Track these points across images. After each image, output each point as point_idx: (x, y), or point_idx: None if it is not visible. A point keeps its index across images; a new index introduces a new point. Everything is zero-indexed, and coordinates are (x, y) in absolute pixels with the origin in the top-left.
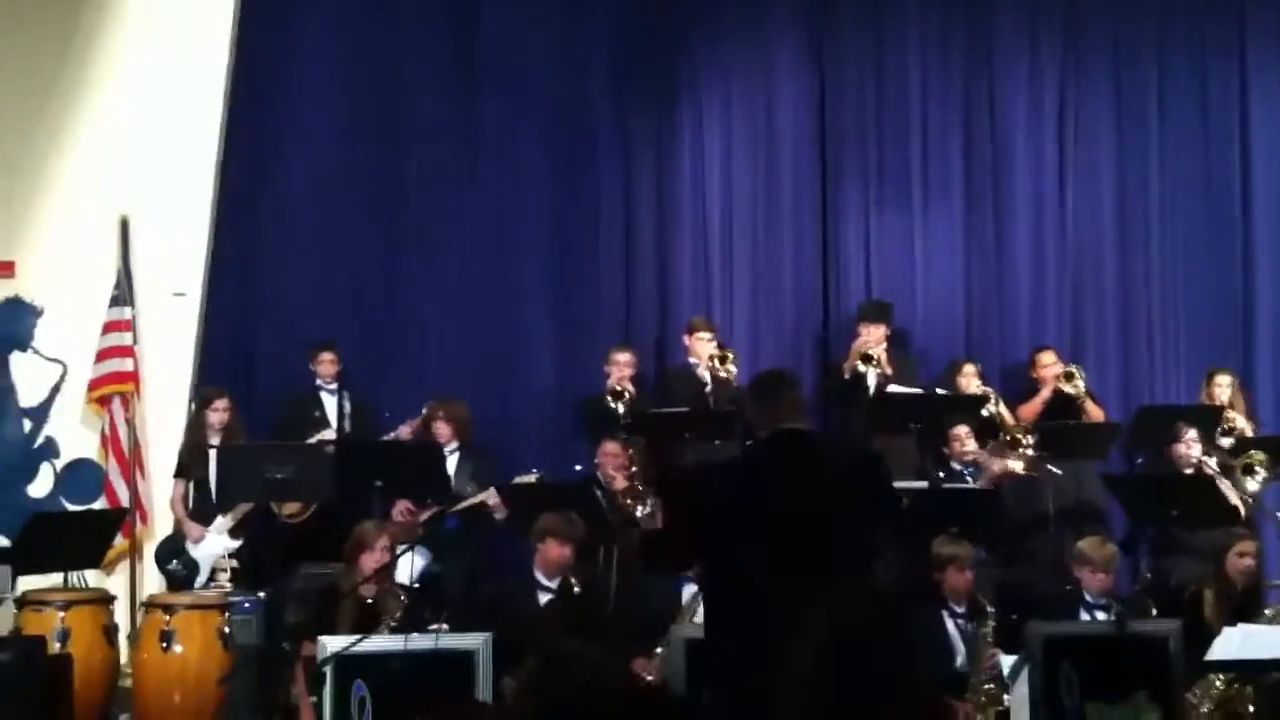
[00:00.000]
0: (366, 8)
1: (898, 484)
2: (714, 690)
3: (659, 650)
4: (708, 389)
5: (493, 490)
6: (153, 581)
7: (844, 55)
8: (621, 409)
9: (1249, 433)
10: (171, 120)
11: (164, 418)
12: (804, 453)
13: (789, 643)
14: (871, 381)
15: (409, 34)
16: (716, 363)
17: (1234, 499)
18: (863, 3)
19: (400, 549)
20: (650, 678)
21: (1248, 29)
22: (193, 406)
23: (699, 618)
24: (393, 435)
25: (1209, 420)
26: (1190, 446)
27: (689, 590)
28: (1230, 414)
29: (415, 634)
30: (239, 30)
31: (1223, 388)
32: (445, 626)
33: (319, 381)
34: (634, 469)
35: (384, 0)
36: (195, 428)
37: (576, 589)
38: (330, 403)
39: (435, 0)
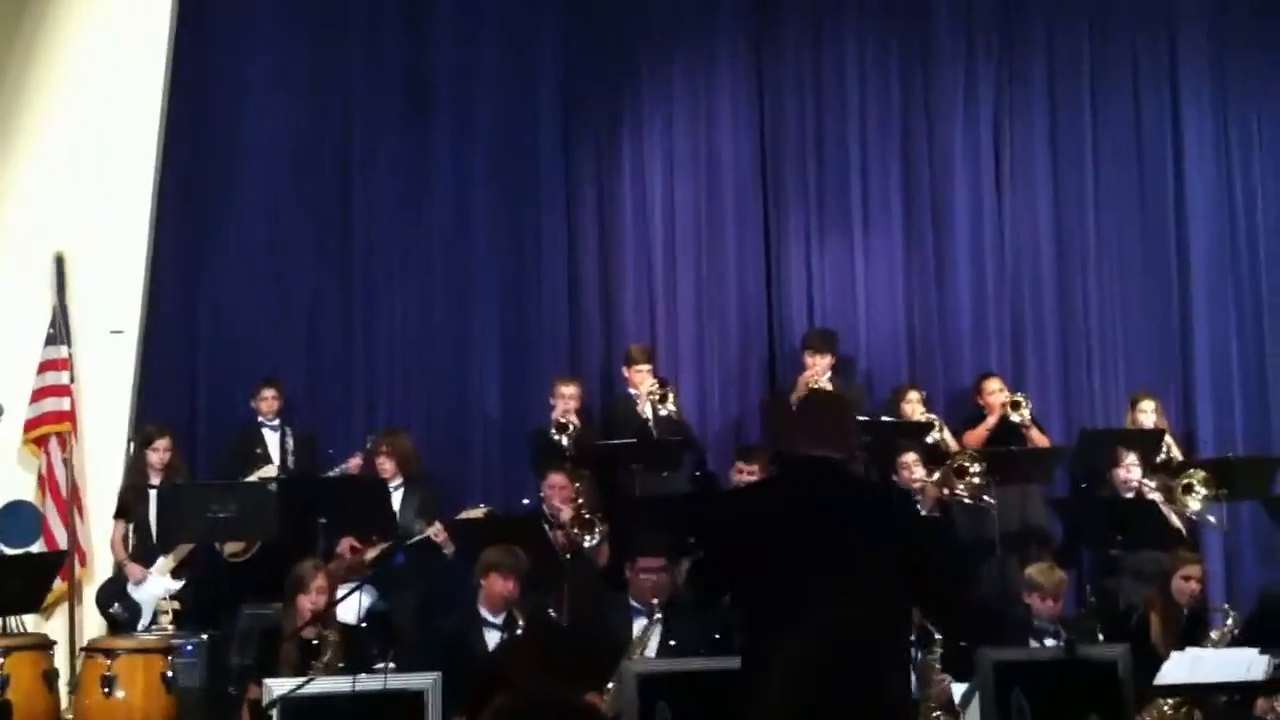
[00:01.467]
0: (310, 36)
1: None
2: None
3: (610, 685)
4: (650, 422)
5: (438, 524)
6: (93, 625)
7: (784, 84)
8: (566, 441)
9: (1179, 456)
10: (107, 156)
11: (102, 458)
12: (830, 480)
13: (812, 667)
14: None
15: (355, 63)
16: (656, 399)
17: (1176, 521)
18: (803, 31)
19: (346, 588)
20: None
21: (1179, 54)
22: (132, 446)
23: (650, 650)
24: (342, 468)
25: (1150, 444)
26: (1130, 470)
27: (639, 624)
28: (1168, 440)
29: (363, 674)
30: (174, 61)
31: (1147, 413)
32: (393, 665)
33: (261, 418)
34: (580, 500)
35: (329, 30)
36: (136, 467)
37: (521, 623)
38: (273, 439)
39: (381, 28)
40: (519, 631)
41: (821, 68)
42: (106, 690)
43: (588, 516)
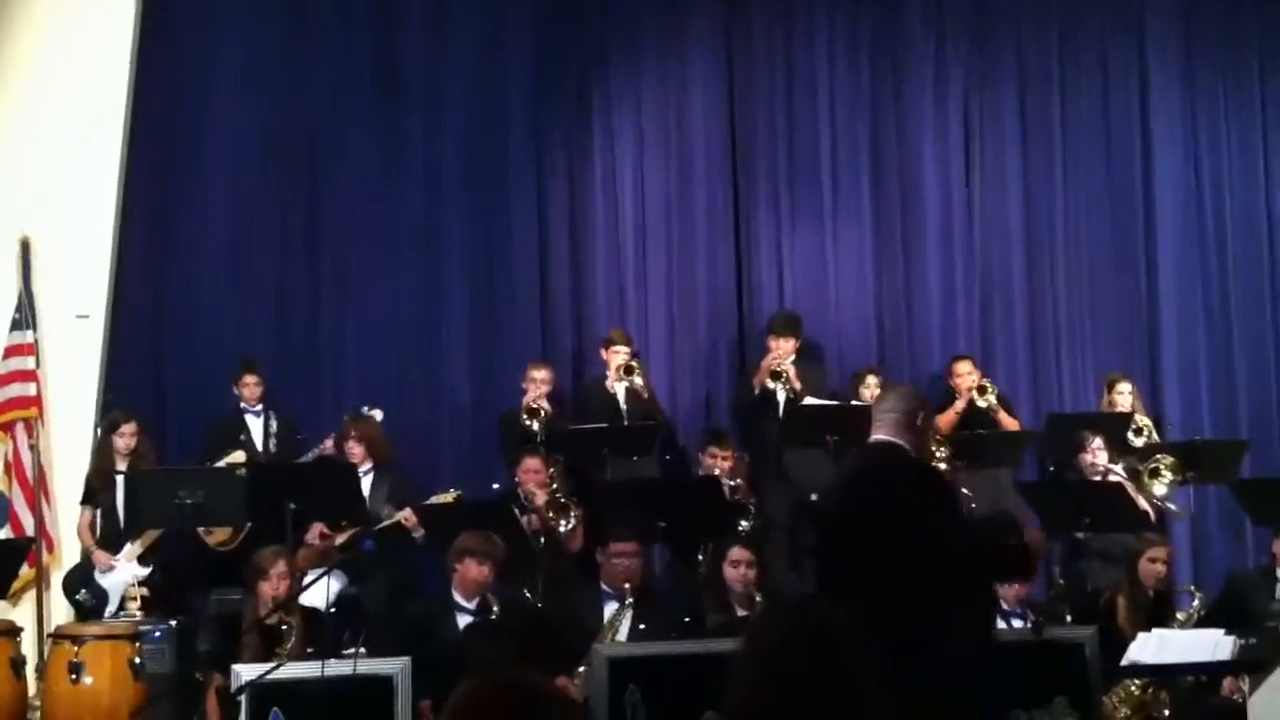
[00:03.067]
0: (279, 21)
1: (816, 497)
2: None
3: (581, 669)
4: (622, 404)
5: (408, 510)
6: (60, 612)
7: (754, 69)
8: (536, 427)
9: (1158, 437)
10: (72, 139)
11: (69, 443)
12: (884, 465)
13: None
14: (781, 397)
15: (324, 48)
16: (622, 373)
17: (1144, 504)
18: (773, 17)
19: (315, 573)
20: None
21: (1148, 42)
22: (99, 431)
23: (621, 635)
24: (316, 452)
25: (1117, 427)
26: (1096, 455)
27: (611, 608)
28: (1142, 419)
29: (332, 659)
30: (141, 47)
31: (1124, 395)
32: (363, 650)
33: (243, 404)
34: (554, 485)
35: (297, 14)
36: (102, 453)
37: (495, 609)
38: (255, 425)
39: (350, 14)
40: (490, 617)
41: (792, 53)
42: (74, 677)
43: (563, 501)
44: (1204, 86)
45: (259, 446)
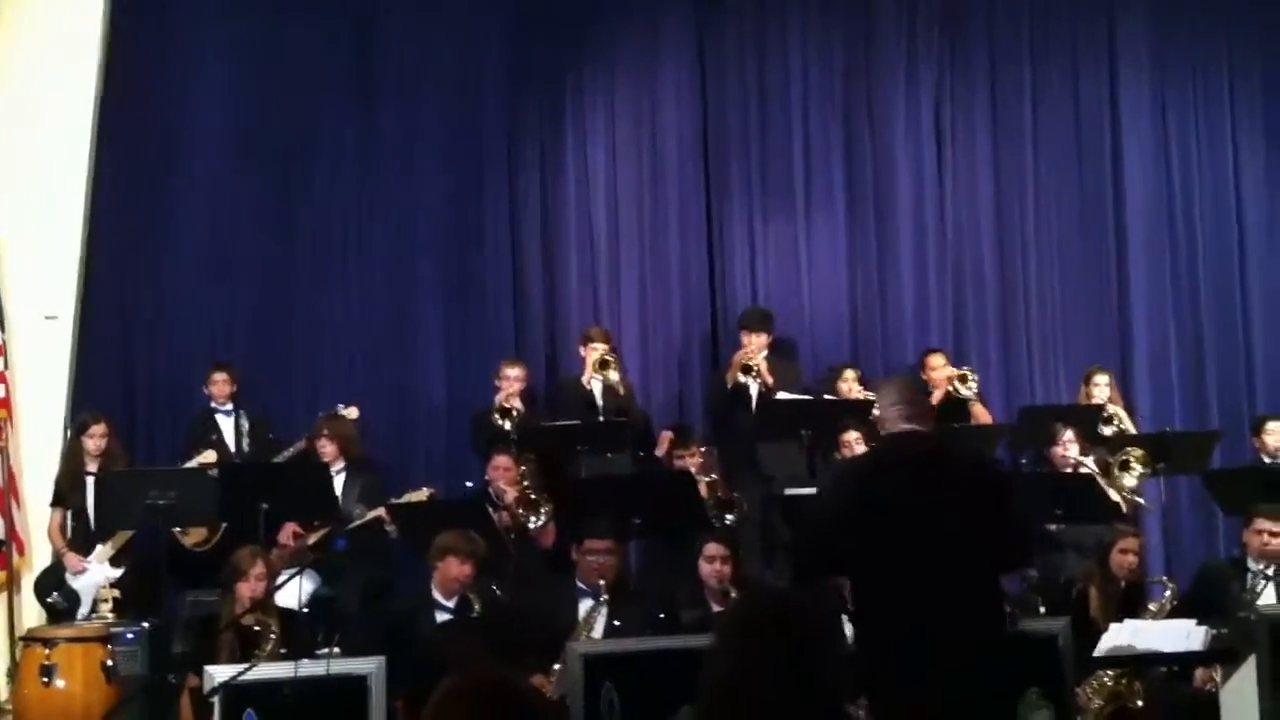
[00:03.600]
0: (253, 19)
1: (789, 491)
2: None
3: (556, 666)
4: (598, 400)
5: (381, 509)
6: (32, 614)
7: (727, 66)
8: (509, 426)
9: (1131, 427)
10: (41, 138)
11: (39, 445)
12: (928, 453)
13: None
14: (754, 391)
15: (300, 45)
16: (598, 368)
17: (1115, 496)
18: (745, 13)
19: (287, 573)
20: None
21: (1118, 40)
22: (69, 432)
23: (596, 632)
24: (291, 451)
25: (1088, 419)
26: (1067, 448)
27: (585, 605)
28: (1113, 409)
29: (305, 660)
30: (110, 42)
31: (1101, 386)
32: (338, 650)
33: (213, 403)
34: (525, 482)
35: (272, 11)
36: (72, 454)
37: (476, 607)
38: (226, 424)
39: (325, 11)
40: (470, 615)
41: (764, 50)
42: (46, 679)
43: (533, 497)
44: (1174, 82)
45: (231, 445)
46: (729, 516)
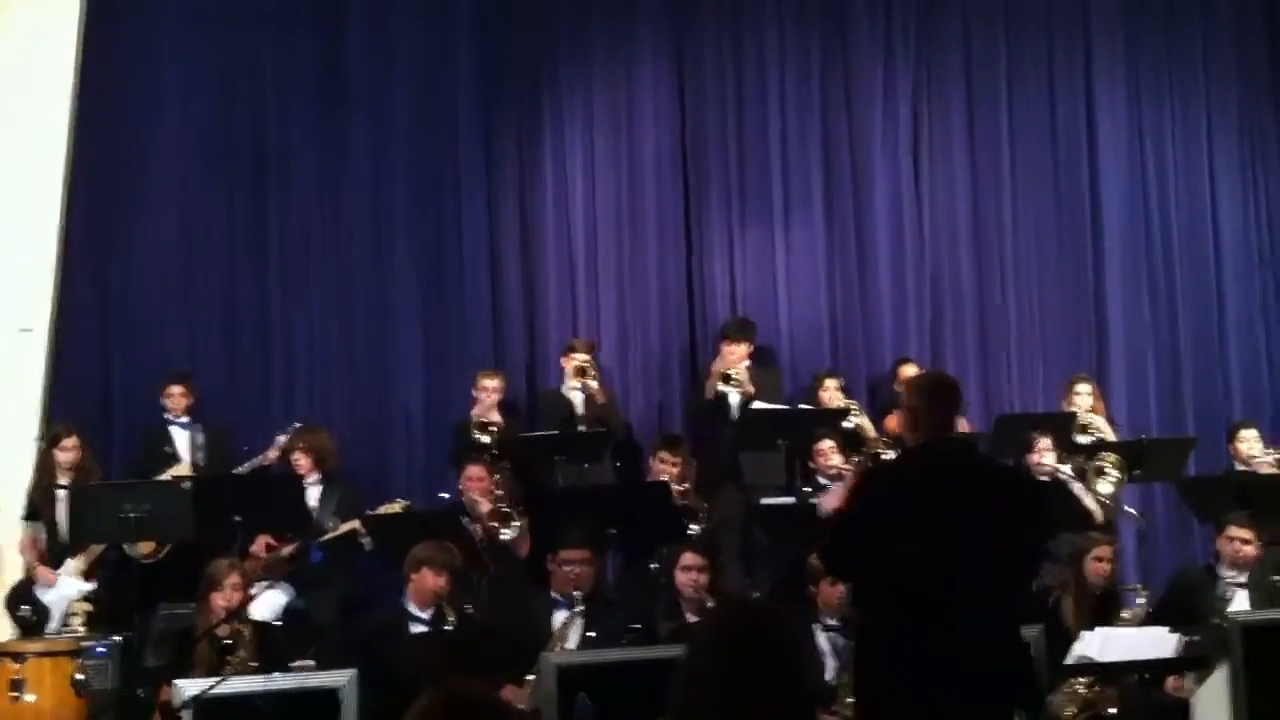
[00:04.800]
0: (222, 26)
1: (766, 500)
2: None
3: (530, 677)
4: (579, 410)
5: (356, 521)
6: (2, 628)
7: (704, 74)
8: (488, 440)
9: (1110, 436)
10: (13, 151)
11: (11, 458)
12: (962, 462)
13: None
14: (734, 400)
15: (267, 53)
16: (575, 377)
17: (1089, 503)
18: (722, 21)
19: (260, 585)
20: (522, 706)
21: (1093, 47)
22: (41, 445)
23: (571, 643)
24: (258, 460)
25: (1064, 427)
26: (1043, 455)
27: (560, 616)
28: (1090, 416)
29: (277, 673)
30: (84, 52)
31: (1083, 395)
32: (313, 663)
33: (168, 415)
34: (499, 492)
35: (241, 19)
36: (44, 467)
37: (451, 619)
38: (181, 437)
39: (299, 24)
40: (445, 627)
41: (742, 59)
42: (15, 694)
43: (505, 509)
44: (1149, 90)
45: (185, 459)
46: (692, 526)
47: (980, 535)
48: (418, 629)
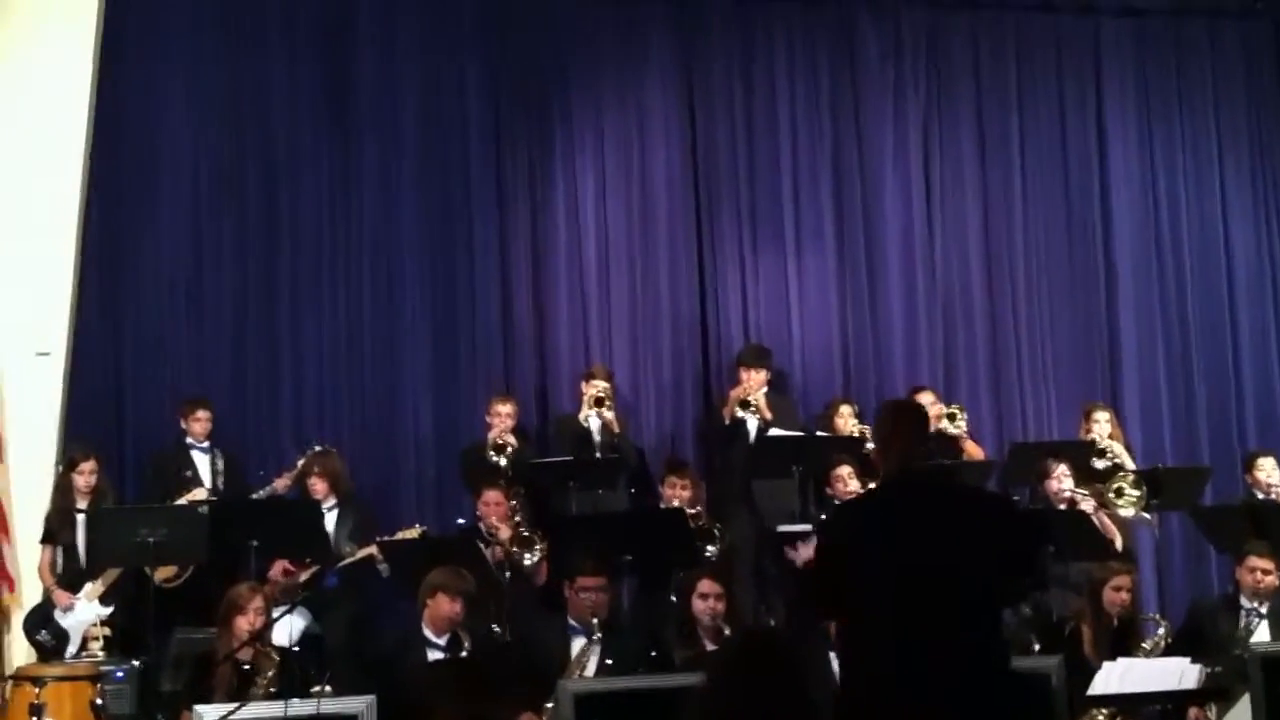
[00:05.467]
0: (230, 50)
1: (782, 528)
2: None
3: (548, 705)
4: (595, 437)
5: (373, 546)
6: (21, 653)
7: (715, 102)
8: (504, 462)
9: (1129, 463)
10: (31, 173)
11: (30, 482)
12: (939, 493)
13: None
14: (752, 427)
15: (282, 79)
16: (593, 408)
17: (1111, 527)
18: (732, 47)
19: (278, 611)
20: None
21: (1104, 69)
22: (59, 469)
23: (589, 671)
24: (269, 489)
25: (1080, 454)
26: (1061, 481)
27: (578, 643)
28: (1108, 442)
29: (295, 699)
30: (99, 78)
31: (1100, 423)
32: (328, 689)
33: (189, 439)
34: (518, 517)
35: (249, 43)
36: (62, 491)
37: (467, 644)
38: (202, 461)
39: (308, 44)
40: (461, 653)
41: (752, 83)
42: (35, 719)
43: (526, 534)
44: (1159, 116)
45: (206, 483)
46: (710, 548)
47: (953, 565)
48: (434, 655)
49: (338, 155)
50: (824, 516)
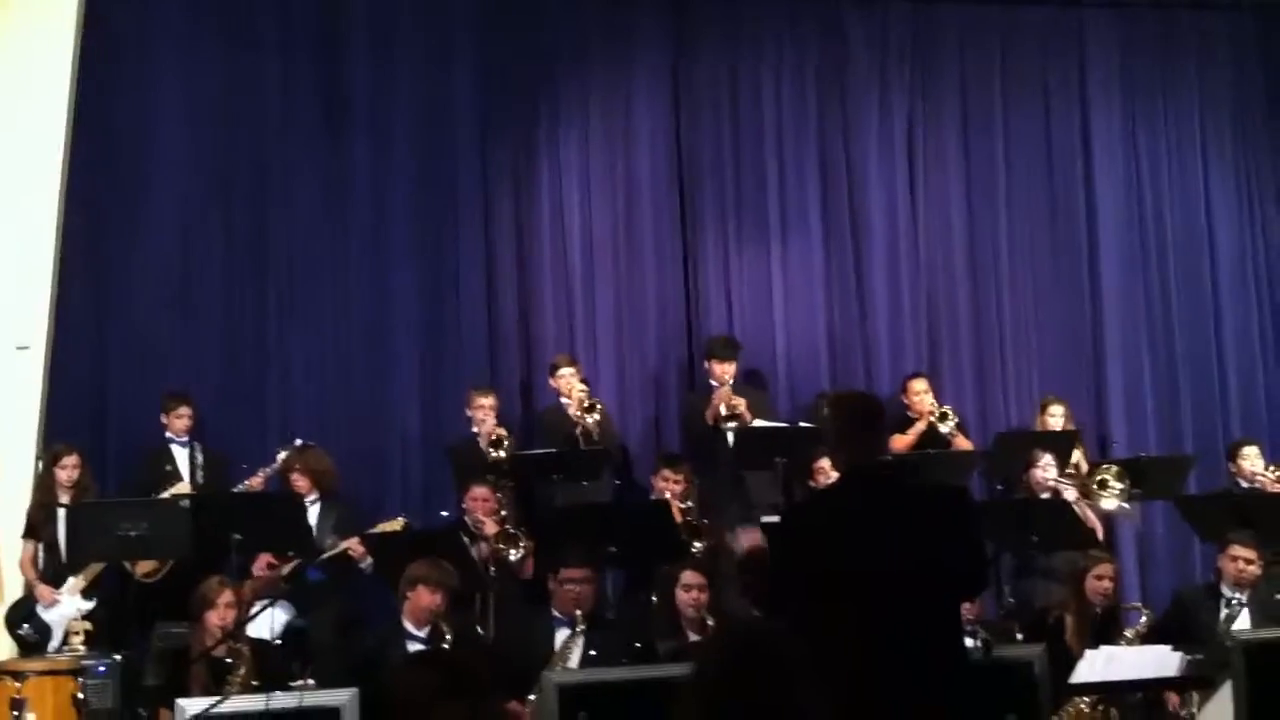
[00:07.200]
0: (222, 49)
1: (765, 519)
2: None
3: (532, 696)
4: (579, 430)
5: (355, 539)
6: (2, 647)
7: (700, 95)
8: (502, 455)
9: (1084, 464)
10: (10, 167)
11: (9, 476)
12: (892, 490)
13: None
14: (731, 438)
15: (268, 79)
16: (583, 411)
17: (1092, 518)
18: (718, 42)
19: (260, 604)
20: None
21: (1088, 64)
22: (40, 464)
23: (573, 662)
24: (243, 485)
25: (1064, 446)
26: (1046, 470)
27: (561, 635)
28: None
29: (278, 692)
30: (81, 69)
31: (1056, 417)
32: (312, 682)
33: (169, 434)
34: (504, 513)
35: (242, 44)
36: (43, 486)
37: (448, 637)
38: (182, 455)
39: (298, 47)
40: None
41: (737, 78)
42: (16, 713)
43: (512, 530)
44: (1144, 108)
45: (186, 478)
46: (696, 544)
47: (906, 560)
48: (414, 647)
49: (326, 154)
50: (777, 514)
